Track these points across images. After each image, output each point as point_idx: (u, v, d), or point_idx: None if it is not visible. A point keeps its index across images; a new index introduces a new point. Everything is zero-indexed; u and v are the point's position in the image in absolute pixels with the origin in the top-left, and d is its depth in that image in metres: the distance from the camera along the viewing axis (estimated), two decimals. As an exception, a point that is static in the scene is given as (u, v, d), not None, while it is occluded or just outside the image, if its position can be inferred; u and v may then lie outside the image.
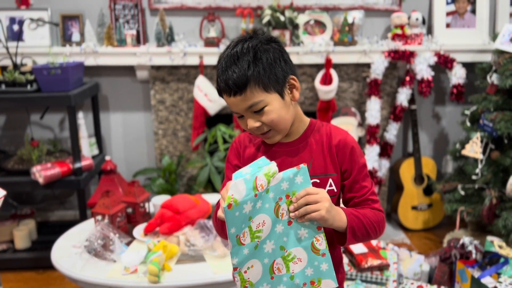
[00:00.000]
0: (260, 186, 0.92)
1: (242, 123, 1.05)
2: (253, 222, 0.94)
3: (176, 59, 2.65)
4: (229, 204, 0.90)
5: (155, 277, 1.54)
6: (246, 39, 1.02)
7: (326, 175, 1.06)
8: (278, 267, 0.97)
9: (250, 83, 0.98)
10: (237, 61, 0.98)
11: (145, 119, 2.94)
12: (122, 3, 2.67)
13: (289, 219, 0.95)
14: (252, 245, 0.94)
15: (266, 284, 0.97)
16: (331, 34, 2.75)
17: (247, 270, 0.95)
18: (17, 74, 2.29)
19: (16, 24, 2.63)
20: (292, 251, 0.96)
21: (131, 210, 1.97)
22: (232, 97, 0.99)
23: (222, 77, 0.99)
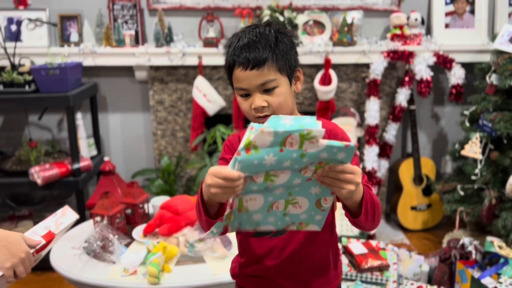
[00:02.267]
0: (290, 144, 0.84)
1: (245, 102, 1.05)
2: (271, 171, 0.89)
3: (175, 59, 2.64)
4: (247, 149, 0.83)
5: (155, 279, 1.53)
6: (265, 24, 1.07)
7: None
8: (277, 205, 0.97)
9: (269, 60, 1.02)
10: (260, 38, 1.02)
11: (144, 120, 2.93)
12: (120, 3, 2.66)
13: (310, 177, 0.92)
14: (263, 185, 0.92)
15: (260, 214, 0.97)
16: (330, 34, 2.75)
17: (248, 200, 0.95)
18: (15, 75, 2.28)
19: (14, 25, 2.62)
20: (297, 198, 0.96)
21: (130, 211, 1.96)
22: (248, 70, 1.01)
23: (240, 50, 1.01)
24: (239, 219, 0.97)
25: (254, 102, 1.03)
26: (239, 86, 1.04)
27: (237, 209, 0.96)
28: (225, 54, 1.08)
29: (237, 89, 1.06)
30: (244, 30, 1.06)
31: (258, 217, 0.97)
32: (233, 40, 1.05)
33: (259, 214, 0.97)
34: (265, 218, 0.98)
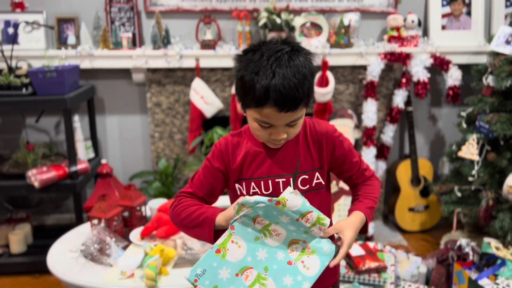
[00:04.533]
0: (307, 219, 0.99)
1: (264, 131, 1.05)
2: (274, 225, 1.01)
3: (172, 61, 2.64)
4: (278, 202, 0.95)
5: (152, 282, 1.53)
6: (290, 50, 1.00)
7: (313, 170, 1.13)
8: (248, 275, 0.99)
9: (303, 101, 1.01)
10: (292, 77, 0.97)
11: (141, 122, 2.93)
12: (118, 5, 2.66)
13: (293, 261, 1.01)
14: (256, 234, 1.01)
15: (229, 272, 0.98)
16: (327, 36, 2.76)
17: (234, 241, 0.99)
18: (12, 78, 2.28)
19: (11, 27, 2.62)
20: (269, 279, 1.00)
21: (127, 214, 1.96)
22: (282, 112, 0.99)
23: (278, 93, 0.96)
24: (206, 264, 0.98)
25: (276, 135, 1.05)
26: (266, 121, 1.02)
27: (216, 248, 0.99)
28: (244, 75, 0.99)
29: (258, 120, 1.03)
30: (276, 60, 0.98)
31: (224, 274, 0.98)
32: (264, 72, 0.97)
33: (228, 270, 0.98)
34: (227, 284, 0.98)
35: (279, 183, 1.11)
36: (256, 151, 1.12)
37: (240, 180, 1.13)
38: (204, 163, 1.16)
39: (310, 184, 1.13)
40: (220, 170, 1.13)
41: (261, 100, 0.98)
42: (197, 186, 1.14)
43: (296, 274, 1.00)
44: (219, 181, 1.14)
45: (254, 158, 1.12)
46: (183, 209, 1.10)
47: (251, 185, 1.12)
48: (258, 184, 1.11)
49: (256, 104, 0.99)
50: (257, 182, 1.11)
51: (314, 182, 1.13)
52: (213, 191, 1.15)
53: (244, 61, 1.01)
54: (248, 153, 1.12)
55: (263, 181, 1.11)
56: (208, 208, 1.09)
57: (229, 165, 1.13)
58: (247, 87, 0.99)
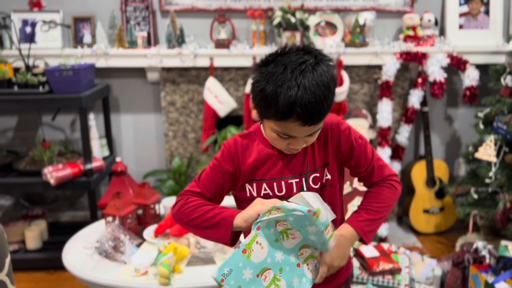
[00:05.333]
0: (328, 231, 1.02)
1: (282, 141, 1.04)
2: (295, 230, 1.02)
3: (186, 60, 2.65)
4: (314, 213, 0.97)
5: (166, 279, 1.53)
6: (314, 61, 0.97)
7: (322, 166, 1.12)
8: (267, 275, 1.02)
9: (326, 113, 1.01)
10: (317, 91, 0.95)
11: (155, 121, 2.94)
12: (133, 5, 2.68)
13: (301, 263, 1.05)
14: (276, 236, 1.02)
15: (251, 273, 1.00)
16: (342, 35, 2.74)
17: (259, 242, 1.01)
18: (29, 76, 2.31)
19: (29, 26, 2.66)
20: (282, 280, 1.03)
21: (141, 212, 1.97)
22: (305, 126, 0.98)
23: (304, 107, 0.94)
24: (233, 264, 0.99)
25: (295, 145, 1.04)
26: (287, 133, 1.01)
27: (242, 247, 1.00)
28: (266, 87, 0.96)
29: (279, 133, 1.02)
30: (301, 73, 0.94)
31: (247, 275, 1.00)
32: (289, 85, 0.94)
33: (251, 271, 1.00)
34: (249, 284, 1.00)
35: (292, 184, 1.10)
36: (268, 153, 1.10)
37: (251, 181, 1.12)
38: (212, 162, 1.13)
39: (321, 182, 1.12)
40: (229, 171, 1.11)
41: (285, 115, 0.96)
42: (205, 186, 1.12)
43: (302, 276, 1.05)
44: (227, 182, 1.12)
45: (266, 160, 1.10)
46: (194, 208, 1.07)
47: (263, 186, 1.11)
48: (271, 186, 1.10)
49: (279, 118, 0.97)
50: (269, 183, 1.10)
51: (324, 179, 1.12)
52: (221, 191, 1.13)
53: (265, 73, 0.97)
54: (260, 155, 1.10)
55: (275, 182, 1.10)
56: (223, 209, 1.07)
57: (238, 166, 1.11)
58: (269, 100, 0.96)
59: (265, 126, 1.05)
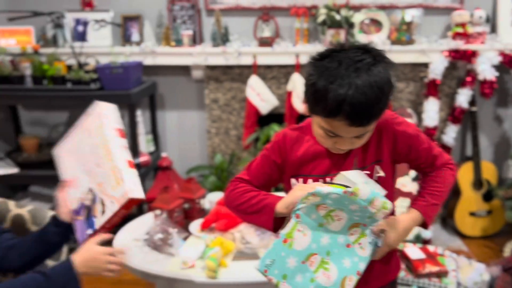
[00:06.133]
0: (374, 205, 0.99)
1: (329, 139, 1.02)
2: (338, 211, 1.00)
3: (230, 59, 2.69)
4: (352, 193, 0.95)
5: (213, 273, 1.56)
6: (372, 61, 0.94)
7: (373, 163, 1.09)
8: (313, 261, 1.01)
9: (377, 117, 0.97)
10: (369, 92, 0.92)
11: (198, 118, 3.00)
12: (180, 4, 2.74)
13: (351, 243, 1.03)
14: (320, 221, 1.01)
15: (296, 261, 1.01)
16: (388, 33, 2.69)
17: (300, 230, 1.01)
18: (82, 73, 2.41)
19: (81, 25, 2.77)
20: (331, 263, 1.02)
21: (187, 206, 2.02)
22: (353, 126, 0.95)
23: (352, 107, 0.91)
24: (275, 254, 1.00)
25: (341, 145, 1.02)
26: (333, 131, 0.99)
27: (283, 237, 1.00)
28: (317, 81, 0.94)
29: (324, 129, 1.00)
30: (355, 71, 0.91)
31: (292, 263, 1.00)
32: (340, 82, 0.91)
33: (295, 259, 1.00)
34: (294, 272, 1.00)
35: None
36: (317, 149, 1.10)
37: (297, 175, 1.13)
38: (263, 152, 1.16)
39: (371, 179, 1.10)
40: (276, 163, 1.13)
41: (332, 112, 0.93)
42: (254, 175, 1.15)
43: (353, 256, 1.02)
44: (274, 173, 1.15)
45: (314, 156, 1.10)
46: (241, 194, 1.11)
47: (308, 182, 1.11)
48: (316, 182, 1.10)
49: (326, 115, 0.95)
50: (315, 179, 1.11)
51: (375, 176, 1.09)
52: (269, 181, 1.16)
53: (319, 67, 0.95)
54: (309, 150, 1.11)
55: (321, 179, 1.10)
56: (267, 195, 1.09)
57: (286, 159, 1.13)
58: (319, 95, 0.94)
59: (313, 122, 1.04)
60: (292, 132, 1.14)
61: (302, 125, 1.15)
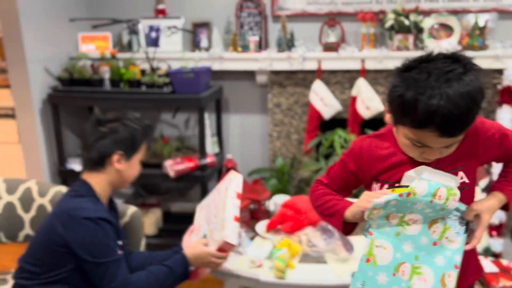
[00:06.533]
0: (439, 197, 0.97)
1: (416, 149, 1.01)
2: (408, 214, 1.01)
3: (295, 64, 2.72)
4: (408, 193, 0.96)
5: (281, 273, 1.60)
6: (462, 71, 0.93)
7: (455, 169, 1.07)
8: (404, 270, 1.01)
9: (467, 127, 0.95)
10: (461, 102, 0.90)
11: (261, 121, 3.06)
12: (247, 11, 2.82)
13: (437, 240, 1.01)
14: (396, 229, 1.02)
15: (386, 275, 1.01)
16: (459, 38, 2.61)
17: (379, 245, 1.02)
18: (156, 77, 2.55)
19: (154, 32, 2.93)
20: (422, 267, 1.00)
21: (253, 207, 2.07)
22: (443, 137, 0.94)
23: (444, 118, 0.90)
24: (363, 276, 1.02)
25: (429, 155, 1.01)
26: (421, 142, 0.98)
27: (365, 258, 1.02)
28: (405, 92, 0.93)
29: (412, 139, 0.99)
30: (446, 82, 0.90)
31: (382, 279, 1.01)
32: (431, 93, 0.90)
33: (385, 274, 1.01)
34: (388, 286, 1.01)
35: None
36: (398, 158, 1.09)
37: (377, 180, 1.14)
38: (341, 157, 1.20)
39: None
40: (352, 170, 1.16)
41: (422, 123, 0.93)
42: (332, 179, 1.22)
43: (444, 251, 1.01)
44: (351, 179, 1.19)
45: (395, 164, 1.10)
46: (319, 197, 1.19)
47: (384, 186, 1.12)
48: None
49: (415, 126, 0.95)
50: (392, 185, 1.10)
51: (458, 182, 1.06)
52: (347, 186, 1.21)
53: (406, 78, 0.95)
54: (389, 157, 1.11)
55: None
56: (340, 201, 1.15)
57: (362, 167, 1.14)
58: (407, 106, 0.93)
59: (399, 132, 1.04)
60: (370, 140, 1.15)
61: (382, 132, 1.15)
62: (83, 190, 1.41)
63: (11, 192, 1.78)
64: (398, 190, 0.98)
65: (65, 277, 1.35)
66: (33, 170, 2.68)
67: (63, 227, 1.32)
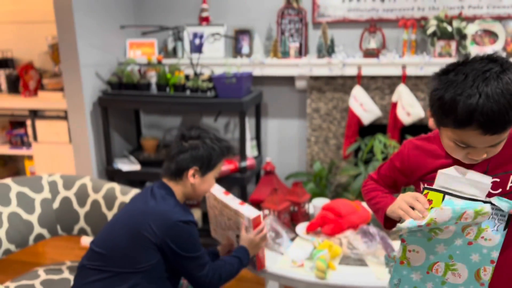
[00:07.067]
0: (465, 218, 0.99)
1: (460, 150, 1.01)
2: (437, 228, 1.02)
3: (334, 69, 2.76)
4: (428, 224, 0.99)
5: (322, 274, 1.64)
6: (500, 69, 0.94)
7: (507, 172, 1.06)
8: (437, 268, 1.04)
9: (509, 124, 0.95)
10: (501, 98, 0.91)
11: (299, 126, 3.11)
12: (288, 18, 2.88)
13: (472, 240, 1.01)
14: (427, 235, 1.03)
15: (420, 273, 1.05)
16: (504, 44, 2.57)
17: (411, 250, 1.05)
18: (199, 82, 2.65)
19: (198, 38, 3.04)
20: (457, 264, 1.03)
21: (293, 209, 2.12)
22: (486, 135, 0.94)
23: (485, 116, 0.91)
24: (398, 275, 1.06)
25: (474, 155, 1.00)
26: (464, 142, 0.98)
27: (399, 260, 1.06)
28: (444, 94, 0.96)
29: (456, 140, 1.00)
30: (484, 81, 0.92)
31: (417, 276, 1.05)
32: (470, 92, 0.92)
33: (418, 272, 1.05)
34: (423, 281, 1.05)
35: None
36: (445, 160, 1.11)
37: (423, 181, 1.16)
38: (391, 157, 1.27)
39: (503, 188, 1.07)
40: (399, 169, 1.23)
41: (463, 123, 0.94)
42: (381, 176, 1.30)
43: (480, 249, 1.01)
44: (399, 177, 1.25)
45: (441, 166, 1.11)
46: (368, 192, 1.29)
47: (421, 187, 1.15)
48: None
49: (457, 126, 0.96)
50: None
51: (508, 186, 1.06)
52: (394, 183, 1.27)
53: (445, 81, 0.97)
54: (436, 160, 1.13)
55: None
56: (384, 197, 1.22)
57: (409, 167, 1.19)
58: (447, 108, 0.95)
59: (442, 135, 1.05)
60: (418, 142, 1.20)
61: (430, 135, 1.19)
62: (170, 194, 1.56)
63: (68, 188, 1.91)
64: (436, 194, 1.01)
65: (147, 269, 1.48)
66: (83, 169, 2.84)
67: (158, 228, 1.46)
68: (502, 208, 0.99)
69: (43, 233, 1.86)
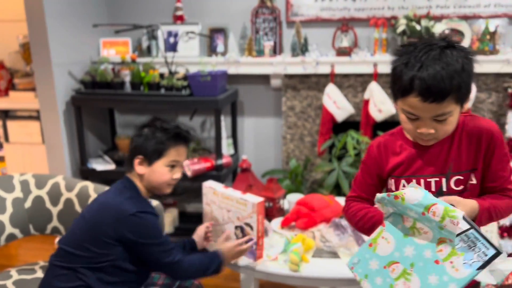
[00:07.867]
0: (432, 212, 0.97)
1: (410, 124, 1.08)
2: (418, 222, 1.03)
3: (308, 68, 2.80)
4: (396, 196, 1.01)
5: (296, 266, 1.67)
6: (447, 46, 1.02)
7: (469, 170, 1.12)
8: (395, 268, 1.05)
9: (451, 94, 1.00)
10: (447, 70, 0.98)
11: (274, 124, 3.14)
12: (262, 17, 2.91)
13: (440, 260, 0.98)
14: (406, 231, 1.05)
15: (378, 265, 1.07)
16: (470, 42, 2.67)
17: (384, 237, 1.07)
18: (174, 80, 2.65)
19: (172, 37, 3.04)
20: (413, 276, 1.01)
21: (268, 205, 2.15)
22: (426, 102, 1.00)
23: (423, 81, 0.99)
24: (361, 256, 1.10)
25: (422, 128, 1.06)
26: (411, 111, 1.05)
27: (369, 242, 1.10)
28: (396, 66, 1.05)
29: (405, 112, 1.06)
30: (427, 52, 1.00)
31: (374, 265, 1.08)
32: (413, 62, 1.01)
33: (377, 262, 1.07)
34: (375, 274, 1.07)
35: (431, 182, 1.15)
36: (407, 150, 1.17)
37: (392, 177, 1.21)
38: (361, 166, 1.27)
39: (464, 185, 1.13)
40: (375, 172, 1.23)
41: (406, 90, 1.02)
42: (360, 188, 1.27)
43: (442, 274, 0.96)
44: (376, 180, 1.24)
45: (406, 157, 1.17)
46: (354, 214, 1.25)
47: (401, 182, 1.18)
48: (409, 182, 1.16)
49: (402, 94, 1.04)
50: (408, 180, 1.17)
51: (468, 183, 1.12)
52: (375, 190, 1.24)
53: (399, 53, 1.07)
54: (400, 152, 1.18)
55: (414, 179, 1.16)
56: (375, 211, 1.20)
57: (381, 166, 1.22)
58: (396, 77, 1.05)
59: (398, 111, 1.12)
60: (384, 139, 1.23)
61: (394, 131, 1.24)
62: (128, 187, 1.52)
63: (40, 187, 1.89)
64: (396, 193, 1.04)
65: (110, 264, 1.46)
66: (56, 170, 2.80)
67: (114, 222, 1.43)
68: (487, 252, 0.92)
69: (15, 233, 1.84)
